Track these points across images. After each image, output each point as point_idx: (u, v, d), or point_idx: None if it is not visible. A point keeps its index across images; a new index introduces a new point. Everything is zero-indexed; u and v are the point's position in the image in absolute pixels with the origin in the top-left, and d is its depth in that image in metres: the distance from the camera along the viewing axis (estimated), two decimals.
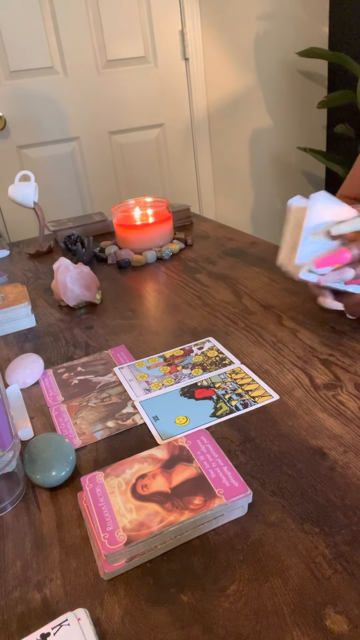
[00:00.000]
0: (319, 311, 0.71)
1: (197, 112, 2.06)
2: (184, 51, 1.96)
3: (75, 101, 1.86)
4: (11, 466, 0.43)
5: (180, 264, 0.98)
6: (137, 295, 0.86)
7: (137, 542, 0.36)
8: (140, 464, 0.43)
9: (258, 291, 0.81)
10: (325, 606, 0.32)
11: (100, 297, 0.85)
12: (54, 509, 0.43)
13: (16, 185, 1.09)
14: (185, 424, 0.52)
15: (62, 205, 1.99)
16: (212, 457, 0.43)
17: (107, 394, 0.59)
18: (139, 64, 1.92)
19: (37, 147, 1.88)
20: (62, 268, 0.82)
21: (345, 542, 0.37)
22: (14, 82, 1.75)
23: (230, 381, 0.58)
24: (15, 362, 0.63)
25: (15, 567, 0.38)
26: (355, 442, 0.46)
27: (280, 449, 0.46)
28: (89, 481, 0.42)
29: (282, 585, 0.34)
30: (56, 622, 0.32)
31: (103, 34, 1.81)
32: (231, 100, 2.11)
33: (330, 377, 0.56)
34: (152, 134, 2.04)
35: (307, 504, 0.40)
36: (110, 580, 0.36)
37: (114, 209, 1.07)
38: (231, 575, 0.35)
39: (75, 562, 0.38)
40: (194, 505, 0.38)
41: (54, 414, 0.56)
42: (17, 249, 1.23)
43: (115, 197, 2.06)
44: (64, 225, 1.21)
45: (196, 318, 0.74)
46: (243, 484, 0.40)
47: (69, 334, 0.75)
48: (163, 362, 0.64)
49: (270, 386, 0.56)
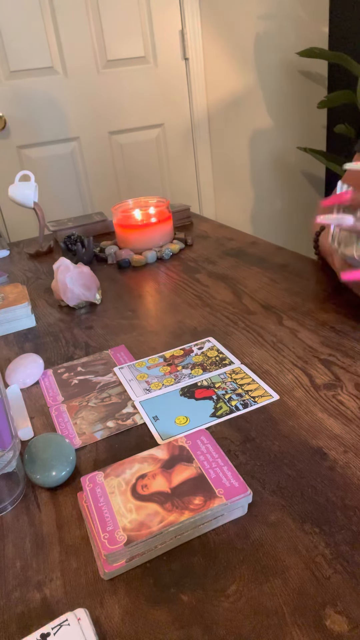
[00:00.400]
0: (319, 311, 0.71)
1: (197, 112, 2.06)
2: (184, 51, 1.96)
3: (75, 101, 1.86)
4: (11, 466, 0.44)
5: (180, 264, 0.98)
6: (137, 295, 0.86)
7: (137, 542, 0.36)
8: (140, 464, 0.43)
9: (258, 291, 0.81)
10: (325, 606, 0.32)
11: (100, 297, 0.85)
12: (54, 509, 0.43)
13: (16, 185, 1.09)
14: (185, 424, 0.52)
15: (62, 205, 1.99)
16: (212, 457, 0.43)
17: (107, 394, 0.59)
18: (139, 64, 1.92)
19: (37, 147, 1.87)
20: (62, 268, 0.82)
21: (345, 542, 0.37)
22: (14, 82, 1.75)
23: (230, 381, 0.58)
24: (15, 362, 0.63)
25: (15, 567, 0.38)
26: (355, 442, 0.46)
27: (280, 449, 0.46)
28: (89, 481, 0.42)
29: (282, 585, 0.34)
30: (56, 622, 0.32)
31: (103, 34, 1.81)
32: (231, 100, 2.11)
33: (330, 377, 0.56)
34: (152, 134, 2.04)
35: (307, 504, 0.40)
36: (110, 580, 0.36)
37: (114, 209, 1.07)
38: (231, 575, 0.35)
39: (75, 562, 0.38)
40: (194, 505, 0.38)
41: (54, 414, 0.56)
42: (17, 249, 1.23)
43: (115, 197, 2.06)
44: (64, 225, 1.21)
45: (196, 318, 0.74)
46: (243, 484, 0.40)
47: (69, 334, 0.75)
48: (163, 362, 0.64)
49: (270, 386, 0.56)
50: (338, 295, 0.73)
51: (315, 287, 0.79)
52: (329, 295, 0.75)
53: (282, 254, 0.95)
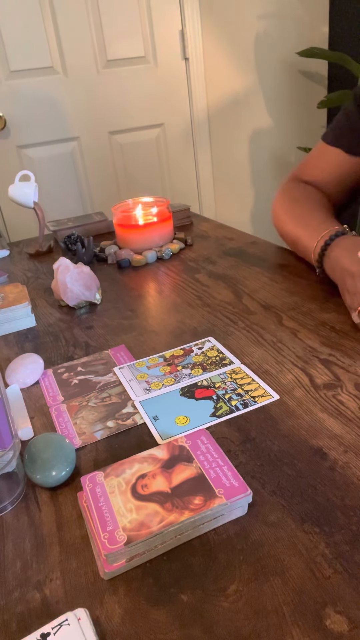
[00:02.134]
0: (319, 311, 0.71)
1: (197, 112, 2.06)
2: (184, 51, 1.96)
3: (75, 101, 1.86)
4: (11, 466, 0.44)
5: (180, 264, 0.98)
6: (137, 295, 0.86)
7: (137, 542, 0.36)
8: (140, 464, 0.43)
9: (258, 291, 0.81)
10: (325, 606, 0.32)
11: (100, 297, 0.85)
12: (54, 509, 0.43)
13: (16, 185, 1.09)
14: (185, 423, 0.52)
15: (62, 205, 1.99)
16: (212, 457, 0.43)
17: (107, 394, 0.59)
18: (139, 63, 1.92)
19: (37, 147, 1.88)
20: (62, 268, 0.82)
21: (345, 542, 0.37)
22: (14, 82, 1.75)
23: (230, 381, 0.58)
24: (15, 362, 0.63)
25: (15, 567, 0.38)
26: (355, 442, 0.46)
27: (280, 449, 0.46)
28: (89, 481, 0.42)
29: (282, 585, 0.34)
30: (56, 622, 0.32)
31: (103, 34, 1.81)
32: (231, 100, 2.11)
33: (330, 377, 0.56)
34: (152, 134, 2.04)
35: (307, 503, 0.40)
36: (110, 580, 0.36)
37: (114, 209, 1.07)
38: (231, 575, 0.35)
39: (75, 562, 0.38)
40: (194, 505, 0.38)
41: (54, 414, 0.56)
42: (17, 249, 1.23)
43: (115, 197, 2.06)
44: (64, 225, 1.21)
45: (196, 318, 0.74)
46: (243, 484, 0.40)
47: (69, 334, 0.75)
48: (163, 362, 0.64)
49: (270, 386, 0.56)
50: (338, 296, 0.73)
51: (315, 287, 0.79)
52: (329, 295, 0.75)
53: (282, 254, 0.95)
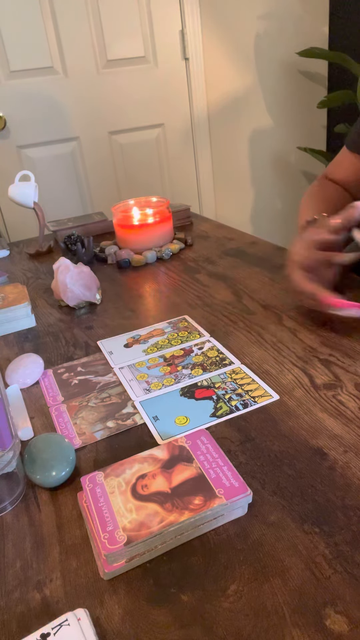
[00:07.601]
0: (319, 311, 0.71)
1: (197, 112, 2.06)
2: (184, 51, 1.96)
3: (75, 101, 1.86)
4: (11, 466, 0.43)
5: (180, 264, 0.98)
6: (137, 295, 0.86)
7: (137, 542, 0.36)
8: (140, 464, 0.43)
9: (258, 291, 0.81)
10: (325, 606, 0.32)
11: (100, 297, 0.85)
12: (54, 509, 0.43)
13: (16, 185, 1.09)
14: (185, 424, 0.52)
15: (62, 205, 1.98)
16: (212, 457, 0.43)
17: (107, 394, 0.59)
18: (139, 63, 1.92)
19: (37, 147, 1.87)
20: (62, 268, 0.82)
21: (345, 542, 0.37)
22: (14, 82, 1.75)
23: (230, 381, 0.58)
24: (15, 362, 0.63)
25: (15, 567, 0.38)
26: (355, 442, 0.46)
27: (280, 449, 0.46)
28: (89, 481, 0.42)
29: (282, 585, 0.34)
30: (56, 622, 0.32)
31: (103, 34, 1.81)
32: (231, 100, 2.11)
33: (330, 377, 0.56)
34: (152, 134, 2.04)
35: (307, 504, 0.40)
36: (110, 580, 0.36)
37: (114, 209, 1.07)
38: (231, 575, 0.35)
39: (75, 562, 0.38)
40: (194, 505, 0.38)
41: (54, 414, 0.56)
42: (17, 249, 1.23)
43: (115, 197, 2.06)
44: (64, 225, 1.21)
45: (196, 318, 0.74)
46: (243, 484, 0.40)
47: (69, 334, 0.75)
48: (163, 362, 0.64)
49: (270, 386, 0.56)
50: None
51: None
52: None
53: (282, 254, 0.95)
